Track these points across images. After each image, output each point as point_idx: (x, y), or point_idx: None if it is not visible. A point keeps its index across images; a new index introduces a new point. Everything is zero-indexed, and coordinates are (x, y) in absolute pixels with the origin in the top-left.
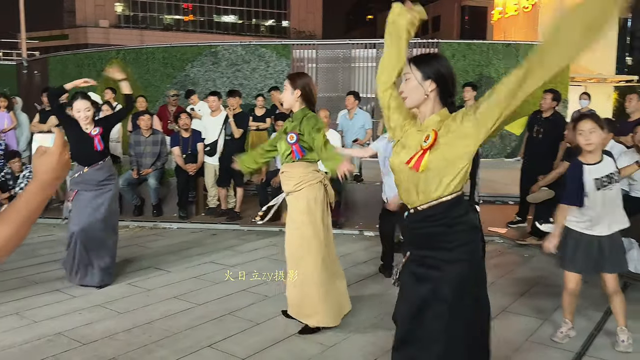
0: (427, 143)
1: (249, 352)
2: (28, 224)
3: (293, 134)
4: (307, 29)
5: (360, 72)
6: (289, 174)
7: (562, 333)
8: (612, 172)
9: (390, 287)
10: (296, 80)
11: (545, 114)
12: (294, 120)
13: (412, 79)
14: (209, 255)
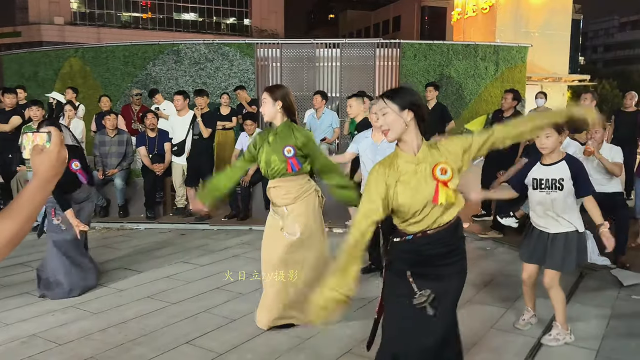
0: (447, 176)
1: (226, 347)
2: (31, 220)
3: (290, 148)
4: (269, 27)
5: (325, 72)
6: (285, 188)
7: (524, 320)
8: (558, 178)
9: (361, 281)
10: (275, 92)
11: (506, 113)
12: (280, 133)
13: (390, 112)
14: (180, 255)
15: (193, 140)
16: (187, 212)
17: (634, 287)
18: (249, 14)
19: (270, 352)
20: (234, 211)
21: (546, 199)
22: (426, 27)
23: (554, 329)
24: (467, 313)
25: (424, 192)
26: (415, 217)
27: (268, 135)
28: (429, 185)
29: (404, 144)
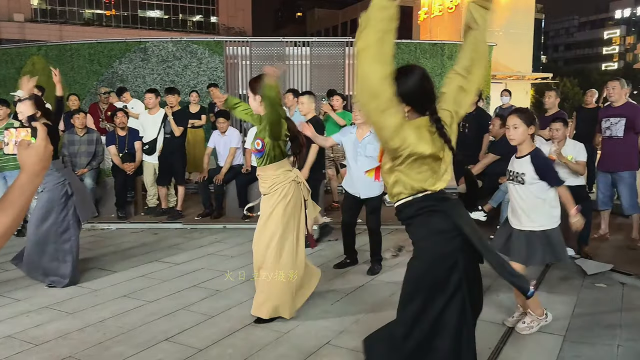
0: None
1: (206, 343)
2: (22, 214)
3: (259, 141)
4: (237, 25)
5: (295, 70)
6: (262, 176)
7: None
8: (520, 172)
9: (336, 276)
10: (254, 86)
11: (469, 109)
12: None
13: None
14: (154, 254)
15: (165, 138)
16: (159, 212)
17: (597, 276)
18: (215, 12)
19: (250, 346)
20: (207, 210)
21: (518, 192)
22: None
23: (527, 316)
24: None
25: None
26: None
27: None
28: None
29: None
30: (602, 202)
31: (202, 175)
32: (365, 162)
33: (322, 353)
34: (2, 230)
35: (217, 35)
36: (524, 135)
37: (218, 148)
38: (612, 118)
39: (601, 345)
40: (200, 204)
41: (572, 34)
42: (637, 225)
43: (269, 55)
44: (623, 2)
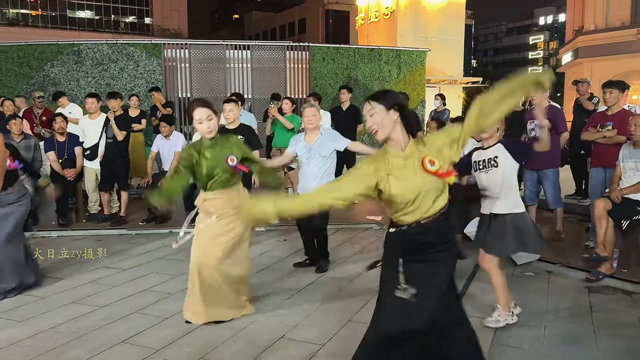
0: (436, 167)
1: (163, 343)
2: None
3: (233, 157)
4: (172, 26)
5: (236, 73)
6: (226, 198)
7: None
8: (493, 157)
9: (287, 275)
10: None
11: None
12: (218, 145)
13: (377, 113)
14: (100, 260)
15: (107, 143)
16: (102, 218)
17: (526, 266)
18: (149, 13)
19: (207, 344)
20: (152, 214)
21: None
22: (331, 30)
23: (495, 311)
24: None
25: (413, 183)
26: (408, 207)
27: (203, 150)
28: (417, 177)
29: (392, 141)
30: (529, 198)
31: (146, 179)
32: (319, 161)
33: (278, 346)
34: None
35: (152, 37)
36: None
37: (162, 152)
38: (536, 120)
39: (530, 327)
40: (143, 208)
41: (500, 39)
42: (561, 219)
43: (208, 58)
44: (546, 9)
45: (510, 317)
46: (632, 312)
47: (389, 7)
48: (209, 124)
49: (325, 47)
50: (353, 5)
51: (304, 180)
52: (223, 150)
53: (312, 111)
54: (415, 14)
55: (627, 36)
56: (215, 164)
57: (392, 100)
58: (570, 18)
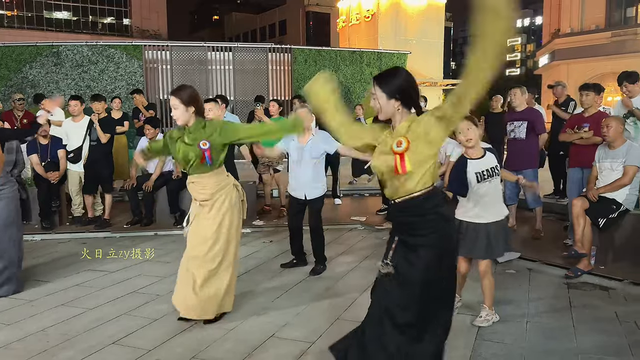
0: (402, 148)
1: (155, 344)
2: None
3: (205, 141)
4: (151, 28)
5: (218, 75)
6: (201, 183)
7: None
8: (493, 166)
9: (274, 276)
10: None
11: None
12: (193, 132)
13: (378, 99)
14: (86, 263)
15: (91, 146)
16: (85, 221)
17: (507, 264)
18: (128, 14)
19: (198, 344)
20: (136, 217)
21: (492, 187)
22: (311, 32)
23: (482, 311)
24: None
25: (385, 161)
26: (385, 183)
27: (183, 135)
28: (389, 157)
29: (394, 121)
30: (509, 198)
31: (130, 182)
32: (309, 163)
33: (268, 345)
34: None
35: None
36: (476, 134)
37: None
38: (515, 122)
39: (513, 322)
40: (127, 211)
41: None
42: (540, 218)
43: (189, 59)
44: (523, 12)
45: (494, 315)
46: (610, 307)
47: (369, 9)
48: (174, 113)
49: (307, 50)
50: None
51: (294, 179)
52: (201, 136)
53: (304, 112)
54: (395, 17)
55: (602, 39)
56: (190, 149)
57: (394, 87)
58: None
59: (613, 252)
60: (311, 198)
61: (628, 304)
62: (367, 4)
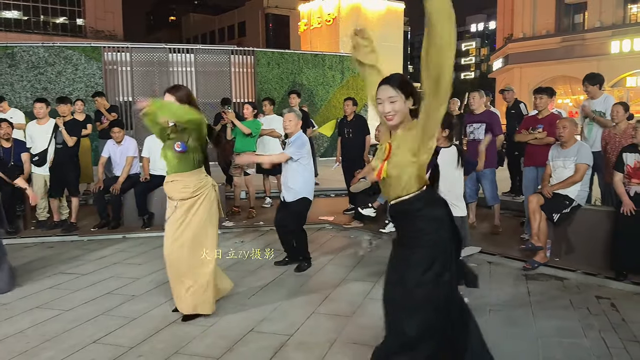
0: (384, 155)
1: (136, 342)
2: None
3: (179, 143)
4: (106, 28)
5: (179, 77)
6: (183, 182)
7: None
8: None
9: (247, 274)
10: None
11: (349, 118)
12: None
13: (399, 101)
14: (56, 267)
15: (56, 149)
16: (51, 225)
17: (469, 258)
18: (82, 14)
19: (179, 340)
20: (103, 220)
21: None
22: (271, 34)
23: None
24: (344, 289)
25: (377, 166)
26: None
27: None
28: (378, 162)
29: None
30: (469, 196)
31: (98, 184)
32: (287, 165)
33: (248, 339)
34: None
35: (85, 39)
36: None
37: (114, 157)
38: (474, 124)
39: (476, 312)
40: (92, 214)
41: None
42: (498, 214)
43: (150, 61)
44: (477, 16)
45: None
46: (565, 295)
47: (330, 13)
48: None
49: (270, 52)
50: (293, 10)
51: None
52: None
53: (288, 117)
54: (356, 21)
55: (552, 44)
56: (167, 148)
57: (410, 89)
58: (500, 26)
59: (567, 245)
60: (287, 201)
61: (581, 292)
62: (328, 8)
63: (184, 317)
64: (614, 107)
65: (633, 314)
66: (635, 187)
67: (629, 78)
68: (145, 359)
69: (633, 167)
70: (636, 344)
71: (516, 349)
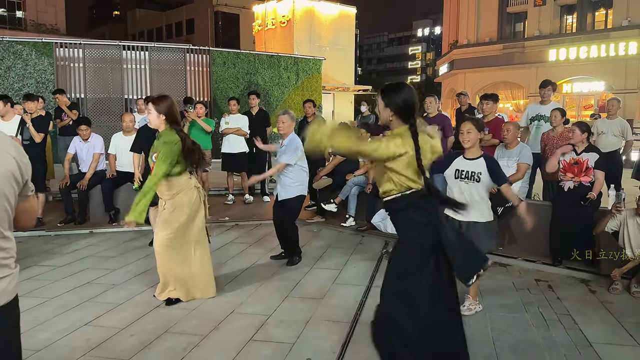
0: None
1: (125, 323)
2: None
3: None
4: (48, 22)
5: (133, 74)
6: (166, 185)
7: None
8: (475, 172)
9: (220, 265)
10: (160, 105)
11: (310, 119)
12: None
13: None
14: (29, 260)
15: (23, 146)
16: None
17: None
18: (22, 6)
19: (166, 321)
20: (69, 216)
21: (467, 189)
22: (220, 32)
23: (466, 300)
24: (312, 276)
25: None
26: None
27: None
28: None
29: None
30: None
31: (64, 181)
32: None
33: (231, 319)
34: None
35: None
36: (476, 139)
37: (80, 154)
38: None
39: None
40: (57, 210)
41: (383, 49)
42: None
43: (103, 58)
44: (423, 22)
45: (477, 305)
46: (507, 278)
47: (285, 15)
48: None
49: (226, 52)
50: (243, 8)
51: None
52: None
53: (283, 118)
54: (310, 24)
55: (494, 51)
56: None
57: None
58: (446, 32)
59: (509, 235)
60: (281, 199)
61: (522, 275)
62: (283, 10)
63: (167, 301)
64: (552, 112)
65: (566, 293)
66: (569, 182)
67: (565, 85)
68: (137, 337)
69: (568, 162)
70: (568, 316)
71: (469, 321)
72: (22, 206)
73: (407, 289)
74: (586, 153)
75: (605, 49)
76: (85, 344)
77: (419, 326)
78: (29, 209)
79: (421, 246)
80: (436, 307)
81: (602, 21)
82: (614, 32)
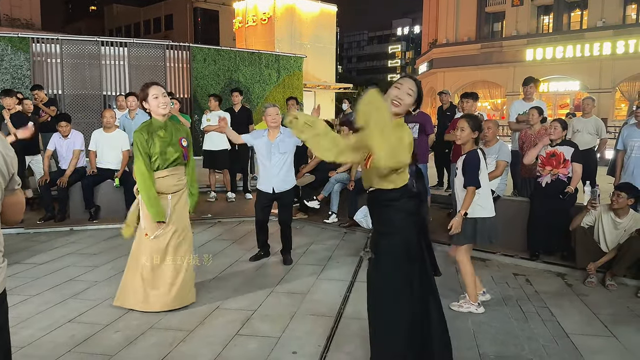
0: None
1: (110, 319)
2: None
3: (184, 139)
4: (23, 16)
5: (111, 70)
6: (177, 176)
7: None
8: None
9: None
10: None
11: None
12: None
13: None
14: (9, 257)
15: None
16: None
17: None
18: None
19: (151, 318)
20: (49, 213)
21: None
22: (199, 29)
23: (462, 297)
24: (296, 272)
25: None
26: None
27: (154, 130)
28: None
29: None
30: None
31: (44, 178)
32: (279, 158)
33: (217, 314)
34: None
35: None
36: (469, 137)
37: (60, 150)
38: (410, 124)
39: None
40: (38, 207)
41: (363, 47)
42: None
43: (81, 54)
44: (403, 21)
45: (475, 307)
46: (486, 272)
47: (266, 12)
48: (165, 100)
49: (207, 49)
50: (223, 5)
51: (263, 174)
52: (176, 132)
53: (275, 110)
54: (291, 22)
55: (473, 50)
56: (168, 143)
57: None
58: (425, 31)
59: None
60: (280, 191)
61: (500, 270)
62: (264, 7)
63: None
64: (530, 110)
65: (544, 287)
66: (547, 177)
67: (542, 84)
68: (122, 333)
69: (545, 156)
70: (546, 309)
71: (449, 315)
72: (9, 200)
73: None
74: (561, 146)
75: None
76: (69, 340)
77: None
78: (16, 203)
79: (410, 235)
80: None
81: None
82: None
